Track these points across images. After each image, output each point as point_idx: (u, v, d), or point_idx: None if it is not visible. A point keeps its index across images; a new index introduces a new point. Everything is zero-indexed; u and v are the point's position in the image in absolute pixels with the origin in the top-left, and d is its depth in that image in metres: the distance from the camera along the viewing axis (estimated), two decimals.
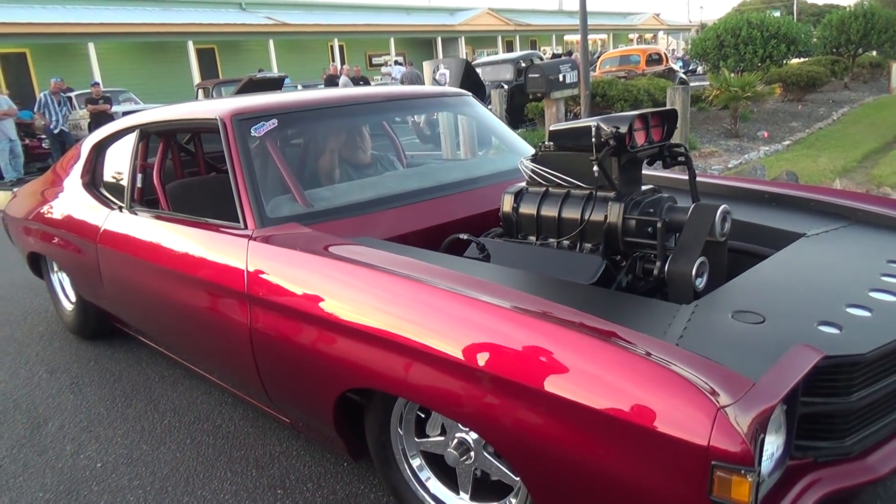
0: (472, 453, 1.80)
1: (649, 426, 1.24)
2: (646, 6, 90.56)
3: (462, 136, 3.67)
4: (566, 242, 2.12)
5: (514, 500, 1.75)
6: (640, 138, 2.02)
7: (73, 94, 13.55)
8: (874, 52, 20.24)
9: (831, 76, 16.20)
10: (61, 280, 3.98)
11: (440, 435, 1.88)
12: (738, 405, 1.21)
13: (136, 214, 2.90)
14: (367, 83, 15.44)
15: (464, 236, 2.24)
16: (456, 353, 1.54)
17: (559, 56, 23.37)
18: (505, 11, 33.18)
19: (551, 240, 2.16)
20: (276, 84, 11.80)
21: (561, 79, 7.15)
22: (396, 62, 24.72)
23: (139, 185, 3.02)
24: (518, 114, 11.74)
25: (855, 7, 20.33)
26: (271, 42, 23.49)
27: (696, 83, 15.77)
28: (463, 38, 30.65)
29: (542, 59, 13.70)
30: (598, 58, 18.24)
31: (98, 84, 13.24)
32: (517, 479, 1.68)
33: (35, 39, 18.53)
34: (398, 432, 1.95)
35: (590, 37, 9.07)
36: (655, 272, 1.94)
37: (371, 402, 1.95)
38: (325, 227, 2.26)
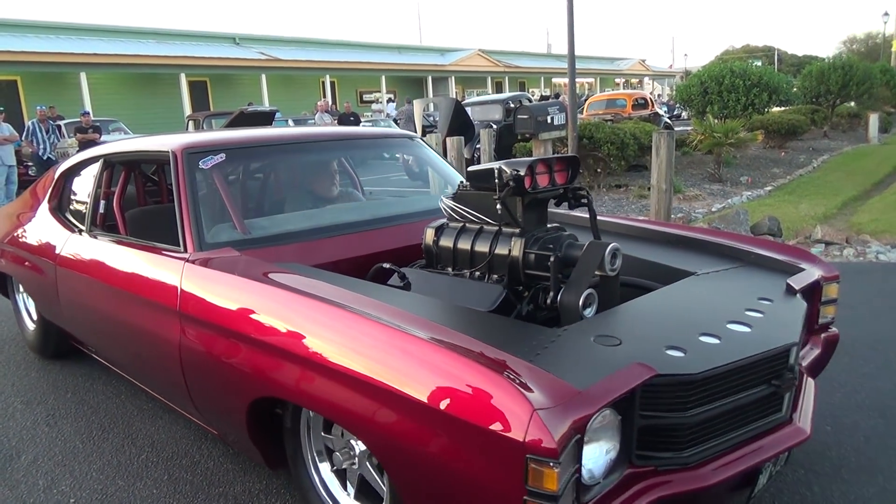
0: (356, 459, 2.01)
1: (481, 424, 1.43)
2: (632, 52, 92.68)
3: (432, 175, 3.79)
4: (477, 273, 2.29)
5: None
6: (542, 181, 2.20)
7: (62, 123, 13.55)
8: (852, 103, 20.79)
9: (811, 125, 16.60)
10: (25, 301, 4.11)
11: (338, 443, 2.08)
12: (556, 408, 1.39)
13: (95, 238, 3.07)
14: (357, 119, 15.57)
15: (387, 265, 2.44)
16: (343, 363, 1.74)
17: (547, 98, 23.78)
18: (495, 53, 33.82)
19: (465, 270, 2.33)
20: (266, 118, 11.87)
21: (549, 120, 7.26)
22: (389, 100, 25.04)
23: (101, 210, 3.19)
24: (506, 153, 11.87)
25: (834, 59, 20.96)
26: (263, 76, 23.73)
27: (681, 128, 16.09)
28: (453, 77, 31.15)
29: (530, 100, 13.92)
30: (586, 101, 18.58)
31: (88, 113, 13.26)
32: (385, 488, 1.88)
33: (27, 67, 18.60)
34: (308, 439, 2.14)
35: (577, 80, 9.25)
36: (549, 302, 2.11)
37: (285, 412, 2.14)
38: (257, 253, 2.45)
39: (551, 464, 1.34)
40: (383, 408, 1.65)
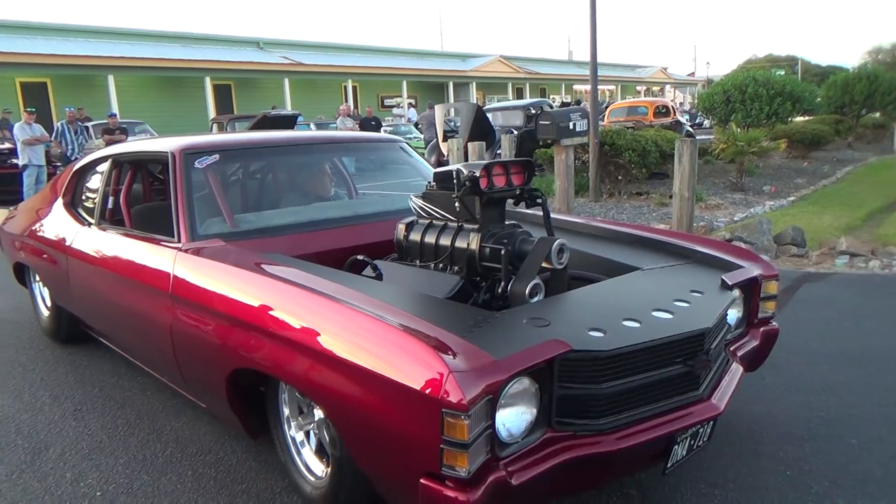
0: (315, 425, 2.29)
1: (408, 384, 1.68)
2: (654, 60, 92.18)
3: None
4: (440, 265, 2.51)
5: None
6: (499, 182, 2.40)
7: (90, 124, 13.77)
8: (878, 114, 20.48)
9: (835, 135, 16.39)
10: (41, 289, 4.39)
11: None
12: (470, 372, 1.63)
13: (104, 230, 3.38)
14: (378, 124, 15.65)
15: (360, 257, 2.70)
16: (304, 338, 2.01)
17: (568, 104, 23.72)
18: (516, 59, 33.82)
19: (430, 263, 2.55)
20: (288, 122, 12.00)
21: (571, 126, 7.25)
22: (410, 104, 25.13)
23: (109, 206, 3.50)
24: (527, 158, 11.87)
25: (859, 69, 20.66)
26: (286, 81, 23.93)
27: (703, 136, 15.96)
28: (474, 83, 31.19)
29: (551, 106, 13.91)
30: (607, 108, 18.50)
31: (115, 115, 13.50)
32: (334, 452, 2.11)
33: (56, 70, 18.95)
34: (284, 408, 2.41)
35: (599, 87, 9.23)
36: (499, 291, 2.34)
37: (267, 386, 2.41)
38: (243, 244, 2.74)
39: (462, 417, 1.57)
40: (334, 374, 1.91)
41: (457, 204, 2.46)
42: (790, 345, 3.76)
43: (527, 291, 2.21)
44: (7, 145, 12.53)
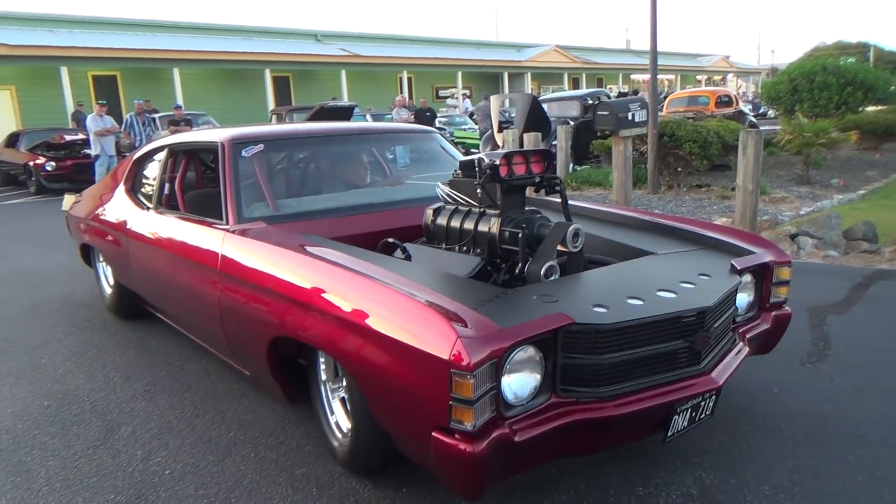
0: (342, 387, 2.52)
1: (423, 348, 1.88)
2: (716, 48, 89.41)
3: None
4: (464, 248, 2.69)
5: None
6: (519, 170, 2.55)
7: (156, 116, 14.26)
8: None
9: None
10: (104, 269, 4.78)
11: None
12: (477, 338, 1.81)
13: (160, 214, 3.67)
14: (433, 115, 15.68)
15: (391, 240, 2.90)
16: (335, 308, 2.22)
17: (625, 94, 23.25)
18: (572, 49, 33.31)
19: (454, 245, 2.73)
20: (345, 113, 12.15)
21: (630, 117, 7.09)
22: (465, 95, 25.06)
23: (165, 191, 3.80)
24: (583, 150, 11.70)
25: None
26: (343, 72, 24.20)
27: (766, 127, 15.40)
28: (529, 73, 30.88)
29: (608, 97, 13.65)
30: (666, 98, 18.04)
31: (180, 107, 13.94)
32: (355, 411, 2.33)
33: (125, 64, 19.65)
34: (322, 373, 2.64)
35: (658, 76, 9.01)
36: (517, 272, 2.51)
37: (306, 352, 2.65)
38: (284, 227, 2.97)
39: (468, 377, 1.75)
40: (361, 340, 2.11)
41: (479, 190, 2.63)
42: (862, 345, 3.61)
43: (542, 272, 2.37)
44: (81, 136, 13.13)
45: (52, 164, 12.57)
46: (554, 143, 11.20)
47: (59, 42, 18.10)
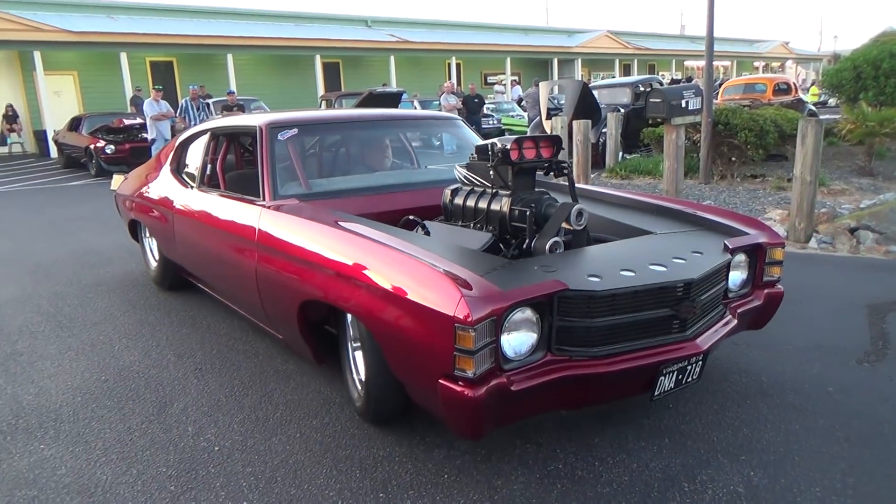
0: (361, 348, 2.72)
1: (433, 307, 2.15)
2: (774, 34, 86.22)
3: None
4: (478, 225, 2.94)
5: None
6: (529, 154, 2.79)
7: (210, 101, 14.56)
8: None
9: None
10: (150, 244, 5.12)
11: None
12: (479, 298, 2.08)
13: (203, 192, 3.98)
14: (482, 101, 15.58)
15: (411, 217, 3.21)
16: (357, 273, 2.51)
17: (678, 81, 22.65)
18: (624, 34, 32.60)
19: (469, 223, 2.99)
20: (393, 98, 12.18)
21: (684, 105, 6.90)
22: (514, 81, 24.83)
23: (207, 172, 4.12)
24: (633, 138, 11.47)
25: None
26: (392, 58, 24.24)
27: (827, 116, 14.81)
28: (580, 59, 30.37)
29: (661, 83, 13.32)
30: (721, 85, 17.52)
31: (233, 92, 14.18)
32: (371, 364, 2.61)
33: (181, 49, 20.09)
34: (349, 333, 2.90)
35: (713, 63, 8.72)
36: (525, 247, 2.74)
37: (336, 314, 2.92)
38: (315, 204, 3.25)
39: (469, 331, 2.02)
40: (379, 301, 2.39)
41: (491, 173, 2.88)
42: None
43: (547, 247, 2.62)
44: (138, 120, 13.52)
45: (112, 147, 12.99)
46: (603, 130, 11.02)
47: (119, 28, 18.62)
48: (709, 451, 2.54)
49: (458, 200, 3.06)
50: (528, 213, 2.74)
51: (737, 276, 2.88)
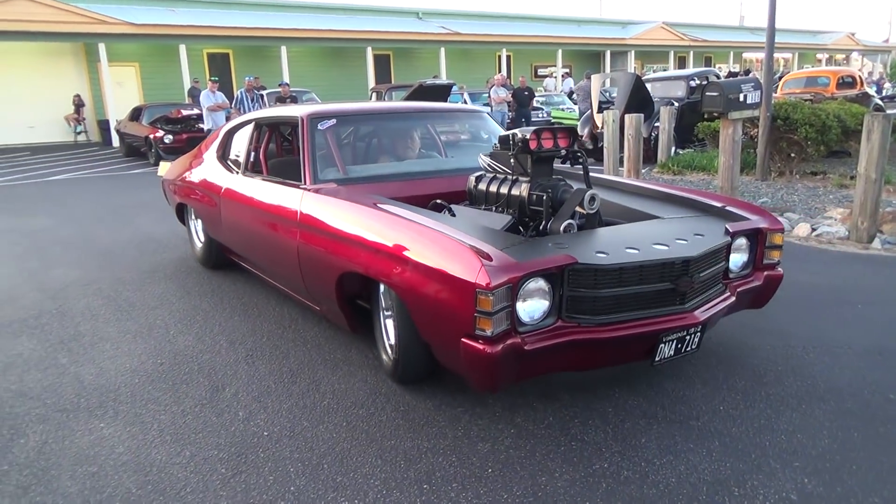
0: (393, 317, 3.05)
1: (457, 275, 2.46)
2: (839, 25, 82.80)
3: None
4: (499, 209, 3.26)
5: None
6: (547, 144, 3.11)
7: (264, 92, 14.83)
8: None
9: None
10: (195, 226, 5.49)
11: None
12: (497, 267, 2.39)
13: (248, 177, 4.35)
14: (532, 94, 15.44)
15: (439, 201, 3.50)
16: (392, 247, 2.83)
17: (736, 74, 21.99)
18: (679, 26, 31.76)
19: (492, 207, 3.31)
20: (443, 91, 12.15)
21: (742, 98, 6.69)
22: (566, 73, 24.50)
23: (251, 159, 4.50)
24: (687, 133, 11.20)
25: None
26: (443, 50, 24.22)
27: (895, 111, 14.15)
28: (633, 52, 29.75)
29: (718, 76, 12.94)
30: (781, 78, 16.92)
31: (286, 84, 14.40)
32: (401, 331, 2.95)
33: (237, 41, 20.50)
34: (381, 303, 3.22)
35: (773, 55, 8.41)
36: (541, 228, 3.07)
37: (371, 286, 3.22)
38: (352, 188, 3.57)
39: (488, 295, 2.33)
40: (410, 270, 2.70)
41: (512, 161, 3.20)
42: None
43: (561, 228, 2.94)
44: (195, 111, 13.88)
45: (170, 137, 13.37)
46: (656, 124, 10.79)
47: (178, 21, 19.12)
48: (760, 456, 2.47)
49: (482, 186, 3.37)
50: (544, 197, 3.04)
51: (738, 258, 3.13)
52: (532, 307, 2.49)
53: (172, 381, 3.29)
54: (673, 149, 10.67)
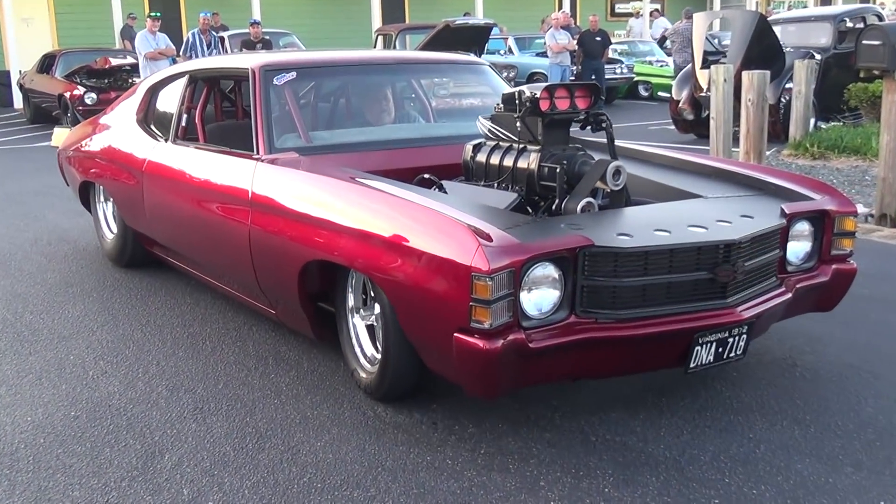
0: (374, 315, 3.43)
1: (450, 258, 2.76)
2: None
3: None
4: (502, 185, 3.58)
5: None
6: (562, 104, 3.36)
7: (226, 34, 15.04)
8: None
9: None
10: (105, 211, 5.84)
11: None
12: (496, 248, 2.68)
13: (179, 146, 4.69)
14: (606, 40, 15.44)
15: (426, 176, 3.82)
16: (361, 227, 3.20)
17: None
18: None
19: (493, 182, 3.62)
20: (478, 34, 12.17)
21: None
22: (656, 11, 24.45)
23: (183, 123, 4.82)
24: (834, 97, 11.10)
25: None
26: None
27: None
28: None
29: (880, 17, 12.83)
30: None
31: (258, 23, 14.53)
32: (387, 334, 3.28)
33: None
34: (349, 297, 3.61)
35: None
36: (554, 207, 3.37)
37: (336, 280, 3.59)
38: (316, 159, 3.89)
39: (486, 280, 2.59)
40: (391, 254, 3.04)
41: (518, 125, 3.46)
42: None
43: (578, 208, 3.22)
44: (130, 60, 14.04)
45: (93, 95, 13.53)
46: (788, 86, 10.71)
47: None
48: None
49: (481, 157, 3.70)
50: (558, 170, 3.32)
51: (798, 247, 3.40)
52: (539, 298, 2.80)
53: (91, 442, 3.32)
54: (813, 121, 10.58)
